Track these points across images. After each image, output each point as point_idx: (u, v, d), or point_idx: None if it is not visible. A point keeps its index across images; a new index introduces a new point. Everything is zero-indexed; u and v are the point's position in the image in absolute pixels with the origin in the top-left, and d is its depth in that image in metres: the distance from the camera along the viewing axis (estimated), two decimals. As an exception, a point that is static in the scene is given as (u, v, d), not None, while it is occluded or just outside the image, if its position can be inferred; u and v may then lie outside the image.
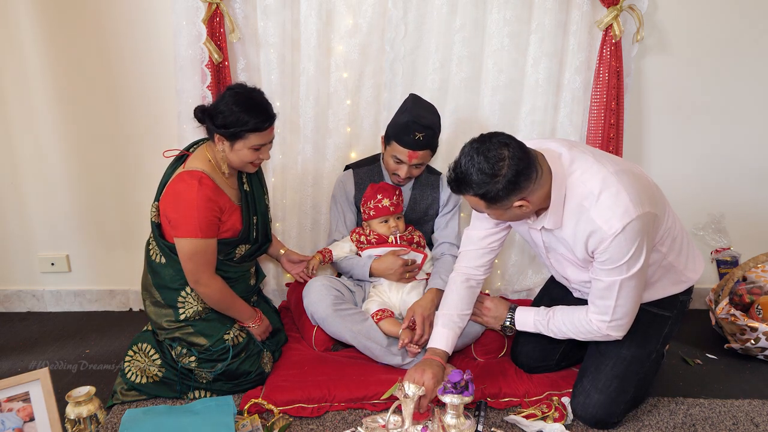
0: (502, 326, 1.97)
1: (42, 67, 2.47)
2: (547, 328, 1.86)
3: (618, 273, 1.62)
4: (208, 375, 1.95)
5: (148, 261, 2.03)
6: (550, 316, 1.85)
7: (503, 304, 1.99)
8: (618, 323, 1.72)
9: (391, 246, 2.21)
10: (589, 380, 1.85)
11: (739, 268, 2.42)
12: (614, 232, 1.55)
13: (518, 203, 1.57)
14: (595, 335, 1.76)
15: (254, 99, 1.87)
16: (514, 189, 1.54)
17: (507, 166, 1.51)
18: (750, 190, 2.72)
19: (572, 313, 1.81)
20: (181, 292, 1.96)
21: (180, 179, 1.88)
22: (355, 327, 2.07)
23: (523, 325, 1.92)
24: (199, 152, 1.97)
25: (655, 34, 2.50)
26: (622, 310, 1.69)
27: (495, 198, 1.55)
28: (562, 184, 1.62)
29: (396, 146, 2.12)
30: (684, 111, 2.60)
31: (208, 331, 1.96)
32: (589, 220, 1.59)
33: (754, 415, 1.91)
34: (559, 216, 1.66)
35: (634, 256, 1.60)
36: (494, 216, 1.69)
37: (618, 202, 1.56)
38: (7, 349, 2.37)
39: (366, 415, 1.84)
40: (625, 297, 1.67)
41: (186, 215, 1.84)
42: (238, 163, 1.93)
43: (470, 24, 2.40)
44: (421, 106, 2.15)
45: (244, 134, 1.85)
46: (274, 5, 2.34)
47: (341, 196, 2.36)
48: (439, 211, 2.37)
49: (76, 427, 1.51)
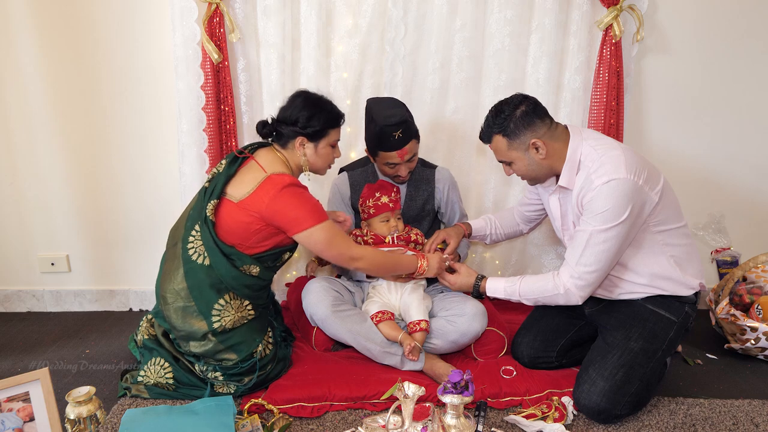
0: (470, 291, 2.08)
1: (41, 68, 2.47)
2: (517, 291, 1.94)
3: (592, 223, 1.76)
4: (231, 387, 1.93)
5: (184, 261, 1.92)
6: (521, 279, 1.95)
7: (471, 273, 2.07)
8: (580, 275, 1.81)
9: (388, 246, 2.20)
10: (596, 369, 1.86)
11: (739, 268, 2.42)
12: (600, 183, 1.72)
13: (533, 141, 1.80)
14: (557, 290, 1.86)
15: (323, 98, 2.00)
16: (528, 124, 1.80)
17: (524, 105, 1.82)
18: (750, 190, 2.72)
19: (542, 275, 1.93)
20: (219, 300, 1.90)
21: (279, 181, 1.87)
22: (355, 328, 2.07)
23: (494, 291, 2.00)
24: (270, 157, 1.96)
25: (655, 34, 2.50)
26: (586, 261, 1.79)
27: (513, 132, 1.81)
28: (578, 147, 1.82)
29: (383, 154, 2.15)
30: (684, 111, 2.60)
31: (240, 346, 1.92)
32: (588, 176, 1.78)
33: (754, 415, 1.91)
34: (572, 174, 1.83)
35: (611, 212, 1.72)
36: (518, 164, 1.87)
37: (613, 162, 1.74)
38: (7, 349, 2.37)
39: (366, 415, 1.84)
40: (592, 249, 1.77)
41: (305, 207, 1.87)
42: (321, 165, 2.03)
43: (470, 24, 2.40)
44: (383, 107, 2.16)
45: (326, 131, 1.97)
46: (274, 5, 2.34)
47: (337, 199, 2.36)
48: (436, 207, 2.37)
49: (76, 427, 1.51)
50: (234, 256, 1.89)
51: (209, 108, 2.39)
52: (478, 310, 2.11)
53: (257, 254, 1.92)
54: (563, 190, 1.91)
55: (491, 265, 2.76)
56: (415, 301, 2.14)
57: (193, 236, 1.92)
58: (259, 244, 1.92)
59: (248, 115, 2.49)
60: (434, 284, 2.33)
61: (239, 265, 1.90)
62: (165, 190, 2.61)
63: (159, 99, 2.51)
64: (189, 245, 1.92)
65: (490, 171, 2.61)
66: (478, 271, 2.75)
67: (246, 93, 2.46)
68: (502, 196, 2.64)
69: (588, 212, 1.77)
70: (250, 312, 1.97)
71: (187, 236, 1.93)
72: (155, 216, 2.64)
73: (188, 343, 1.92)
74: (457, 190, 2.38)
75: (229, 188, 1.92)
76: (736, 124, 2.63)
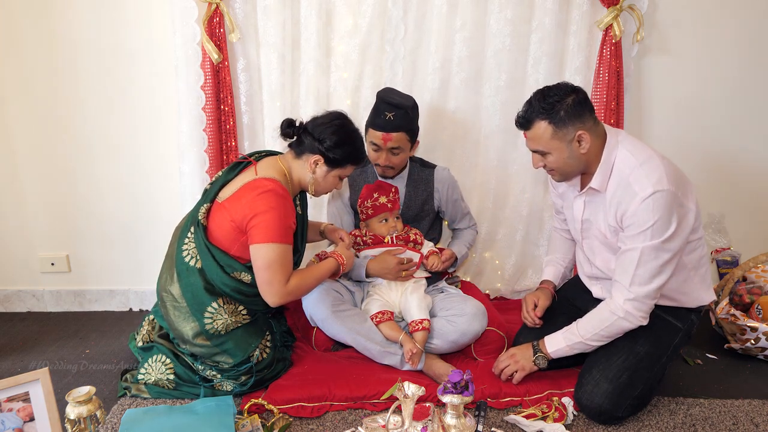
0: (534, 362, 1.94)
1: (42, 67, 2.47)
2: (577, 334, 1.85)
3: (642, 239, 1.69)
4: (229, 386, 1.92)
5: (177, 263, 1.93)
6: (577, 322, 1.86)
7: (524, 346, 1.98)
8: (636, 296, 1.73)
9: (387, 246, 2.21)
10: (599, 370, 1.85)
11: (739, 268, 2.42)
12: (644, 195, 1.66)
13: (579, 132, 1.72)
14: (615, 315, 1.77)
15: (357, 132, 1.98)
16: (579, 114, 1.72)
17: (575, 94, 1.73)
18: (750, 190, 2.72)
19: (593, 311, 1.84)
20: (213, 303, 1.89)
21: (262, 184, 1.83)
22: (355, 328, 2.07)
23: (556, 346, 1.90)
24: (271, 164, 1.94)
25: (655, 34, 2.50)
26: (641, 280, 1.72)
27: (561, 120, 1.71)
28: (614, 149, 1.77)
29: (371, 132, 2.16)
30: (684, 111, 2.60)
31: (235, 350, 1.91)
32: (627, 184, 1.72)
33: (754, 415, 1.90)
34: (605, 177, 1.78)
35: (659, 225, 1.67)
36: (555, 155, 1.77)
37: (654, 172, 1.69)
38: (7, 349, 2.37)
39: (366, 415, 1.84)
40: (645, 267, 1.70)
41: (271, 219, 1.79)
42: (322, 189, 2.01)
43: (470, 24, 2.40)
44: (392, 91, 2.20)
45: (345, 164, 1.95)
46: (274, 5, 2.34)
47: (336, 199, 2.36)
48: (436, 206, 2.37)
49: (76, 427, 1.51)
50: (225, 261, 1.88)
51: (209, 108, 2.39)
52: (478, 310, 2.11)
53: (249, 263, 1.90)
54: (592, 193, 1.85)
55: (491, 265, 2.75)
56: (416, 300, 2.14)
57: (188, 238, 1.93)
58: (245, 255, 1.89)
59: (248, 115, 2.49)
60: (434, 284, 2.33)
61: (230, 271, 1.88)
62: (165, 190, 2.61)
63: (159, 99, 2.50)
64: (184, 247, 1.93)
65: (490, 171, 2.61)
66: (478, 270, 2.76)
67: (246, 93, 2.46)
68: (502, 196, 2.64)
69: (633, 227, 1.71)
70: (245, 316, 1.96)
71: (183, 238, 1.94)
72: (155, 216, 2.64)
73: (185, 344, 1.93)
74: (457, 189, 2.38)
75: (222, 192, 1.93)
76: (736, 124, 2.63)
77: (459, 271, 2.69)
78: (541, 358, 1.93)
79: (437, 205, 2.38)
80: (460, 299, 2.17)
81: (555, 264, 2.21)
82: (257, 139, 2.53)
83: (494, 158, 2.58)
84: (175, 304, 1.92)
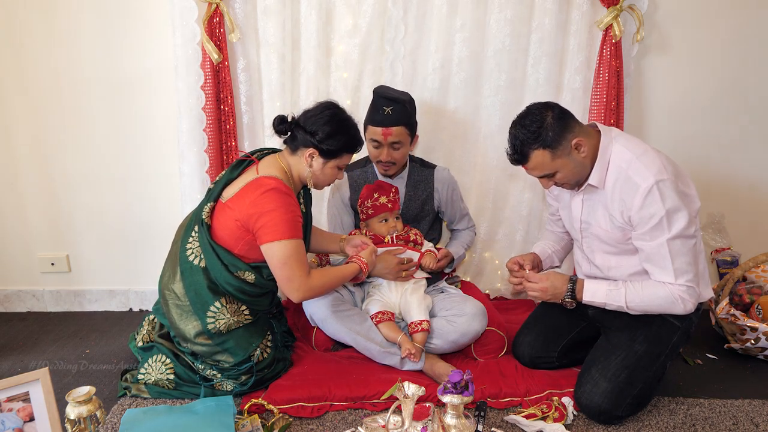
0: (562, 301, 1.92)
1: (42, 67, 2.47)
2: (623, 299, 1.80)
3: (660, 232, 1.70)
4: (229, 385, 1.92)
5: (181, 261, 1.93)
6: (626, 287, 1.82)
7: (561, 277, 1.92)
8: (686, 284, 1.73)
9: (387, 246, 2.21)
10: (598, 369, 1.85)
11: (739, 268, 2.42)
12: (647, 186, 1.67)
13: (575, 141, 1.73)
14: (670, 297, 1.75)
15: (350, 120, 1.93)
16: (564, 126, 1.72)
17: (550, 111, 1.73)
18: (750, 190, 2.72)
19: (649, 282, 1.80)
20: (216, 302, 1.89)
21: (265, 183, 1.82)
22: (354, 328, 2.07)
23: (593, 295, 1.85)
24: (271, 162, 1.93)
25: (655, 34, 2.50)
26: (681, 271, 1.73)
27: (554, 141, 1.71)
28: (609, 145, 1.78)
29: (370, 129, 2.16)
30: (684, 111, 2.60)
31: (235, 350, 1.91)
32: (627, 177, 1.73)
33: (754, 415, 1.90)
34: (603, 173, 1.78)
35: (672, 214, 1.68)
36: (564, 171, 1.77)
37: (653, 163, 1.70)
38: (7, 349, 2.37)
39: (366, 415, 1.84)
40: (680, 258, 1.72)
41: (278, 216, 1.79)
42: (322, 182, 1.97)
43: (470, 24, 2.40)
44: (388, 87, 2.21)
45: (341, 153, 1.91)
46: (274, 5, 2.34)
47: (337, 199, 2.36)
48: (436, 206, 2.37)
49: (76, 427, 1.51)
50: (229, 261, 1.88)
51: (209, 108, 2.39)
52: (478, 310, 2.11)
53: (253, 263, 1.90)
54: (590, 190, 1.85)
55: (491, 265, 2.75)
56: (416, 301, 2.14)
57: (192, 237, 1.93)
58: (249, 254, 1.89)
59: (248, 115, 2.49)
60: (434, 284, 2.33)
61: (234, 270, 1.88)
62: (165, 190, 2.61)
63: (159, 99, 2.50)
64: (187, 245, 1.93)
65: (490, 171, 2.61)
66: (478, 270, 2.76)
67: (246, 93, 2.46)
68: (502, 195, 2.64)
69: (645, 222, 1.71)
70: (247, 316, 1.96)
71: (187, 237, 1.94)
72: (155, 216, 2.64)
73: (186, 342, 1.93)
74: (457, 190, 2.38)
75: (226, 191, 1.93)
76: (736, 124, 2.63)
77: (459, 271, 2.69)
78: (567, 302, 1.89)
79: (437, 206, 2.38)
80: (460, 299, 2.17)
81: (543, 246, 2.19)
82: (257, 139, 2.53)
83: (494, 158, 2.58)
84: (178, 303, 1.92)
